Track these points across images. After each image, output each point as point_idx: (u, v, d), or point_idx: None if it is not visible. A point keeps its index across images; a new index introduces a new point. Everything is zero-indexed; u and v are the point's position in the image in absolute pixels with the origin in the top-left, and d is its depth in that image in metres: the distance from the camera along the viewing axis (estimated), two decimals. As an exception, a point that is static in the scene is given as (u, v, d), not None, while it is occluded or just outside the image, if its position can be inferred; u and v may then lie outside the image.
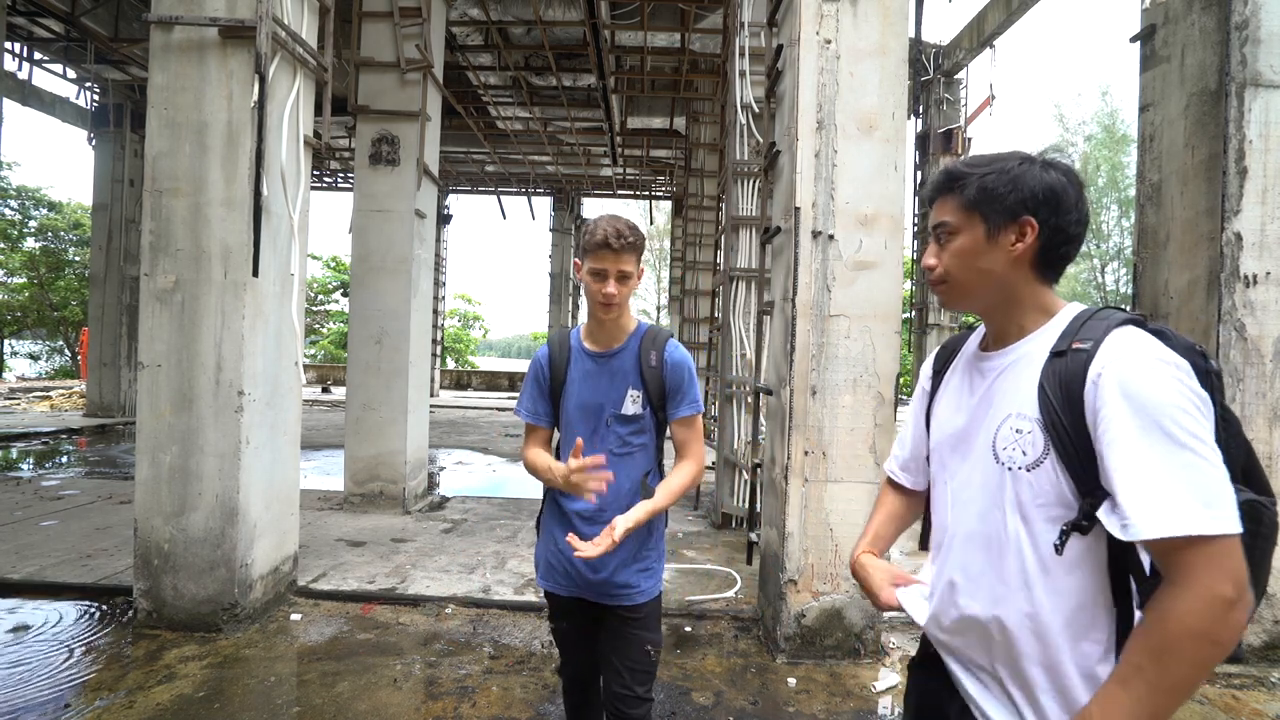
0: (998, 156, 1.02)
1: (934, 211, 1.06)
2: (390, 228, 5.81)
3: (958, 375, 1.16)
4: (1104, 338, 0.92)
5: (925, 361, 1.29)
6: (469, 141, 13.76)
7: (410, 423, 5.90)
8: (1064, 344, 0.95)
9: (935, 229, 1.06)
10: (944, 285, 1.07)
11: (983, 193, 0.99)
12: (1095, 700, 0.85)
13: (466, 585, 4.03)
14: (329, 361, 25.25)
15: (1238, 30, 3.20)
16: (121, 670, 2.92)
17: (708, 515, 6.06)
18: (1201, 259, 3.33)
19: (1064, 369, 0.93)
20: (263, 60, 3.17)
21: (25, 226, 21.42)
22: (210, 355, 3.28)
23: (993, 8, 10.01)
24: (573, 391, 1.77)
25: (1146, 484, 0.82)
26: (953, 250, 1.03)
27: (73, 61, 10.50)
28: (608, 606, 1.77)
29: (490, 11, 8.50)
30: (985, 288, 1.03)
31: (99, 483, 6.64)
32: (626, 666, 1.74)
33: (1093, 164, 21.19)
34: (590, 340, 1.79)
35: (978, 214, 1.00)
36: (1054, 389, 0.93)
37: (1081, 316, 0.99)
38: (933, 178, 1.06)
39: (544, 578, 1.85)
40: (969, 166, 1.02)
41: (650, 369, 1.74)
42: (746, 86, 5.37)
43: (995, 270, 1.01)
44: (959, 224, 1.02)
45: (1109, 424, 0.86)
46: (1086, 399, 0.89)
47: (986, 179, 0.99)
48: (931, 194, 1.06)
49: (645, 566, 1.78)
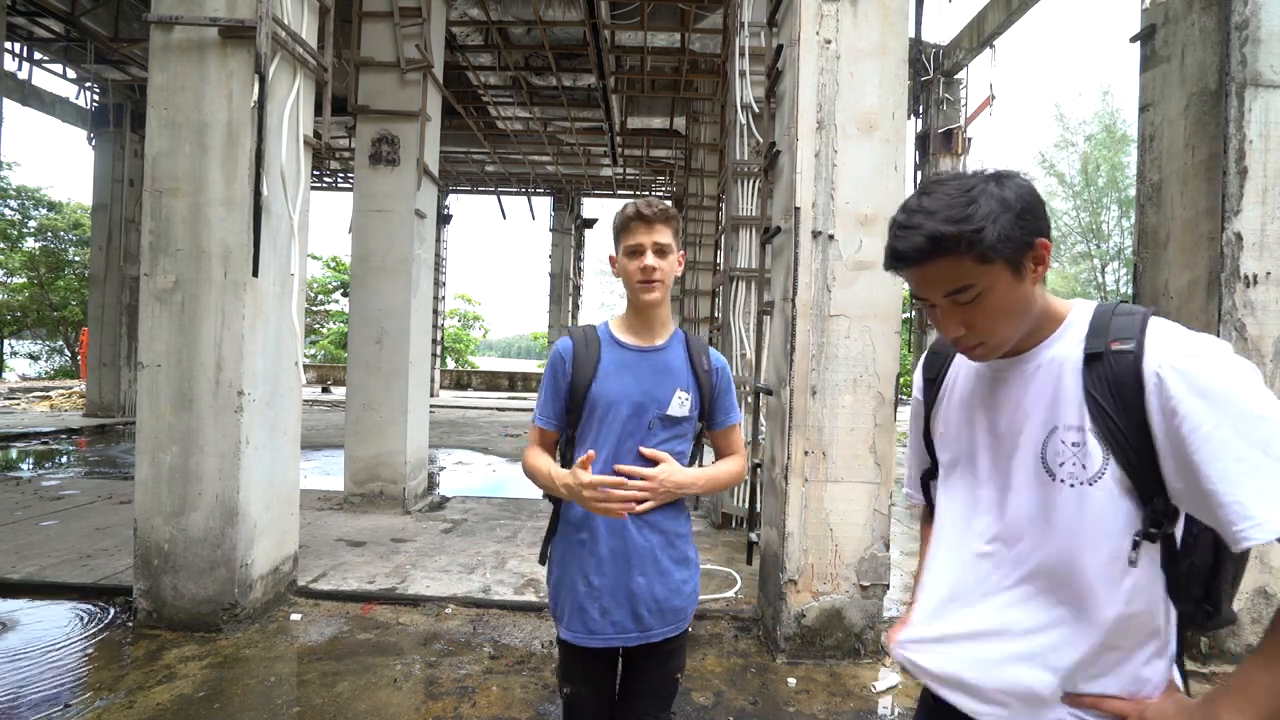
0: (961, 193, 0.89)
1: (933, 278, 0.91)
2: (390, 228, 5.81)
3: (963, 384, 1.08)
4: (1143, 335, 0.88)
5: (917, 368, 1.22)
6: (469, 141, 13.76)
7: (410, 423, 5.90)
8: (1098, 345, 0.90)
9: (952, 294, 0.91)
10: (981, 348, 0.95)
11: (1001, 240, 0.87)
12: (1237, 679, 0.83)
13: (466, 585, 4.03)
14: (329, 361, 25.25)
15: (1238, 30, 3.20)
16: (121, 670, 2.91)
17: (708, 515, 6.06)
18: (1201, 259, 3.33)
19: (1110, 373, 0.88)
20: (263, 60, 3.17)
21: (25, 226, 21.42)
22: (210, 355, 3.28)
23: (993, 8, 10.01)
24: (606, 385, 1.54)
25: (1263, 480, 0.78)
26: (987, 311, 0.91)
27: (73, 61, 10.51)
28: (652, 644, 1.56)
29: (490, 11, 8.50)
30: (1022, 325, 0.95)
31: (99, 483, 6.64)
32: (654, 696, 1.61)
33: (1093, 164, 21.19)
34: (627, 333, 1.60)
35: (1000, 261, 0.88)
36: (1104, 395, 0.88)
37: (1100, 314, 0.94)
38: (910, 243, 0.89)
39: (571, 629, 1.55)
40: (953, 222, 0.87)
41: (704, 372, 1.59)
42: (746, 86, 5.37)
43: (1027, 303, 0.93)
44: (983, 281, 0.89)
45: (1191, 425, 0.82)
46: (1149, 402, 0.85)
47: (997, 224, 0.86)
48: (920, 259, 0.90)
49: (691, 589, 1.62)
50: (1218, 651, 3.19)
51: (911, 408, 1.23)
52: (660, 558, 1.56)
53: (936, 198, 0.89)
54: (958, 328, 0.94)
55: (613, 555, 1.54)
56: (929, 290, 0.93)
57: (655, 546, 1.56)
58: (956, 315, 0.93)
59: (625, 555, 1.54)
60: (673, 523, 1.60)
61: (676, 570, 1.59)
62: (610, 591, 1.53)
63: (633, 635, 1.54)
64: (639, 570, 1.54)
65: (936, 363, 1.15)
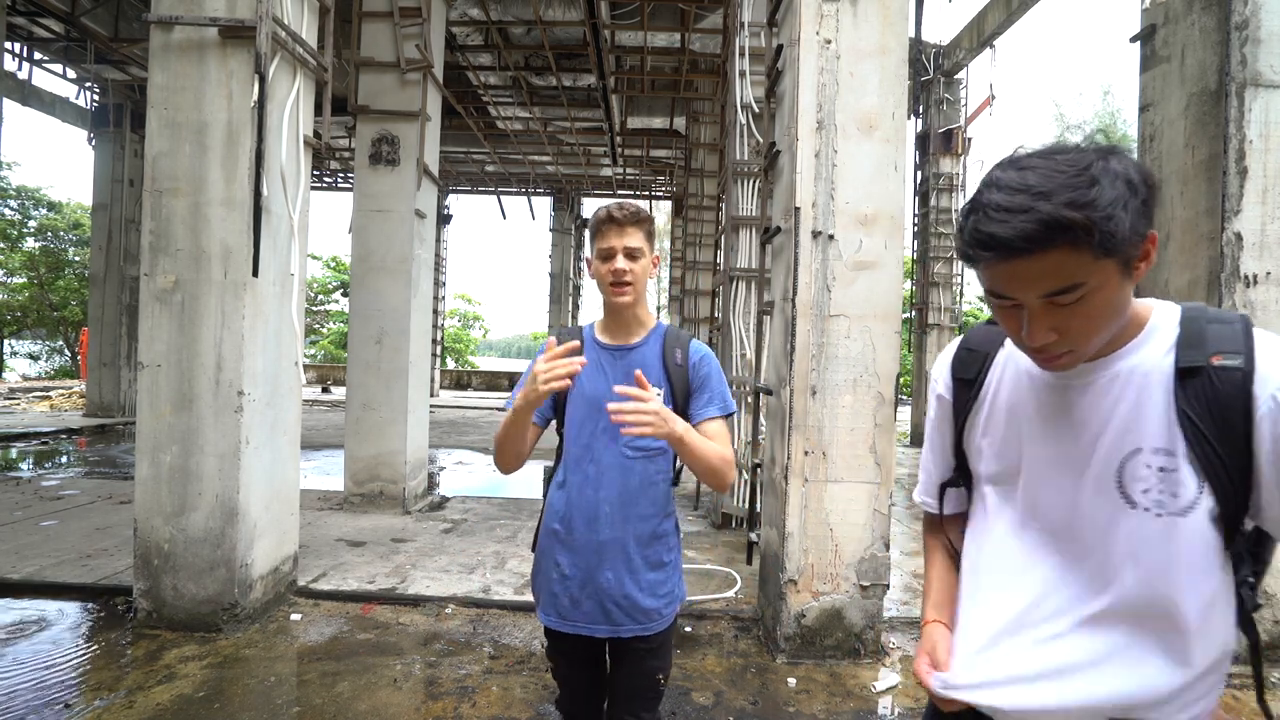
0: (1078, 170, 0.73)
1: (1036, 273, 0.75)
2: (390, 228, 5.81)
3: (1010, 389, 0.96)
4: (1251, 349, 0.79)
5: (940, 365, 1.08)
6: (469, 141, 13.76)
7: (410, 423, 5.90)
8: (1195, 358, 0.80)
9: (1055, 294, 0.76)
10: (1068, 356, 0.82)
11: (1127, 232, 0.73)
12: None
13: (466, 585, 4.03)
14: (329, 361, 25.25)
15: (1238, 30, 3.20)
16: (121, 670, 2.91)
17: (708, 515, 6.06)
18: (1201, 259, 3.33)
19: (1211, 392, 0.79)
20: (263, 60, 3.17)
21: (25, 226, 21.41)
22: (210, 355, 3.28)
23: (993, 8, 10.01)
24: (582, 384, 1.58)
25: None
26: (1088, 313, 0.77)
27: (73, 61, 10.50)
28: (623, 639, 1.59)
29: (490, 11, 8.50)
30: (1113, 328, 0.81)
31: (99, 483, 6.64)
32: (635, 696, 1.62)
33: (1093, 164, 21.24)
34: (605, 334, 1.65)
35: (1113, 258, 0.74)
36: (1203, 416, 0.79)
37: (1191, 319, 0.84)
38: (1017, 229, 0.72)
39: (545, 611, 1.64)
40: (1078, 206, 0.71)
41: (676, 366, 1.59)
42: (746, 86, 5.37)
43: (1126, 305, 0.81)
44: (1095, 279, 0.75)
45: None
46: (1260, 428, 0.77)
47: (1115, 212, 0.72)
48: (1029, 248, 0.73)
49: (667, 591, 1.61)
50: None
51: (936, 409, 1.09)
52: (633, 556, 1.58)
53: (1045, 174, 0.73)
54: (1048, 333, 0.79)
55: (584, 547, 1.57)
56: (1023, 288, 0.77)
57: (628, 543, 1.57)
58: (1050, 318, 0.78)
59: (596, 549, 1.56)
60: (651, 522, 1.60)
61: (649, 571, 1.59)
62: (580, 583, 1.57)
63: (602, 628, 1.58)
64: (608, 565, 1.56)
65: (974, 362, 1.01)
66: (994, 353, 1.00)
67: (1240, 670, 3.16)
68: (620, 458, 1.57)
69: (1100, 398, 0.85)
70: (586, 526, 1.57)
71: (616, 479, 1.57)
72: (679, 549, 1.69)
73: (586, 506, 1.58)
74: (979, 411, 1.00)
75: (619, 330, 1.64)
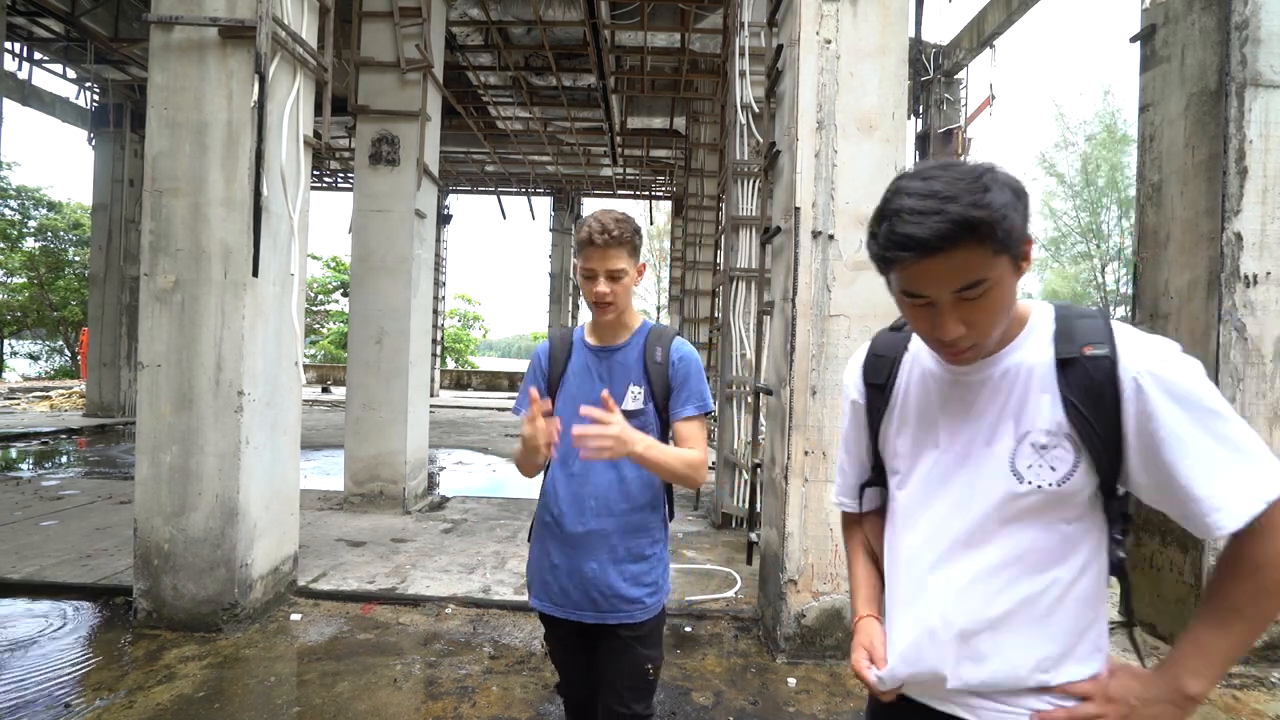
0: (972, 178, 0.83)
1: (947, 270, 0.83)
2: (390, 228, 5.81)
3: (918, 390, 1.05)
4: (1113, 340, 0.90)
5: (851, 372, 1.16)
6: (469, 141, 13.76)
7: (410, 423, 5.90)
8: (1070, 350, 0.91)
9: (965, 289, 0.85)
10: (974, 349, 0.91)
11: (1018, 230, 0.84)
12: (1190, 644, 0.89)
13: (466, 585, 4.03)
14: (329, 361, 25.25)
15: (1238, 30, 3.20)
16: (121, 670, 2.91)
17: (708, 515, 6.06)
18: (1202, 259, 3.33)
19: (1086, 378, 0.90)
20: (263, 60, 3.17)
21: (25, 226, 21.42)
22: (210, 355, 3.28)
23: (993, 8, 10.00)
24: (569, 385, 1.70)
25: (1231, 473, 0.85)
26: (989, 308, 0.87)
27: (73, 61, 10.50)
28: (609, 626, 1.65)
29: (490, 11, 8.50)
30: (1006, 321, 0.91)
31: (99, 483, 6.64)
32: (626, 686, 1.66)
33: (1093, 164, 21.18)
34: (593, 337, 1.75)
35: (1005, 254, 0.84)
36: (1082, 399, 0.90)
37: (1063, 318, 0.95)
38: (932, 229, 0.80)
39: (537, 597, 1.73)
40: (980, 206, 0.80)
41: (655, 365, 1.66)
42: (746, 86, 5.37)
43: (1015, 298, 0.91)
44: (994, 274, 0.84)
45: (1167, 429, 0.86)
46: (1126, 406, 0.88)
47: (1008, 213, 0.82)
48: (943, 246, 0.81)
49: (651, 581, 1.68)
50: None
51: (850, 414, 1.17)
52: (616, 547, 1.66)
53: (948, 182, 0.82)
54: (959, 326, 0.88)
55: (571, 538, 1.66)
56: (937, 285, 0.85)
57: (611, 535, 1.65)
58: (960, 313, 0.87)
59: (582, 540, 1.65)
60: (634, 516, 1.68)
61: (632, 563, 1.67)
62: (567, 572, 1.67)
63: (588, 615, 1.66)
64: (593, 556, 1.65)
65: (884, 367, 1.09)
66: (900, 356, 1.08)
67: (1241, 671, 3.16)
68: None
69: (995, 390, 0.96)
70: (574, 518, 1.66)
71: (602, 474, 1.66)
72: (664, 542, 1.76)
73: (574, 500, 1.67)
74: (892, 413, 1.08)
75: (604, 334, 1.73)
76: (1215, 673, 0.88)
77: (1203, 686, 0.87)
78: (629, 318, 1.72)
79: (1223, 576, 0.89)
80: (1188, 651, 0.89)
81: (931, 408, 1.02)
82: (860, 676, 1.04)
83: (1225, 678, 3.09)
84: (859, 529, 1.22)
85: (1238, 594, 0.87)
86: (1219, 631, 0.88)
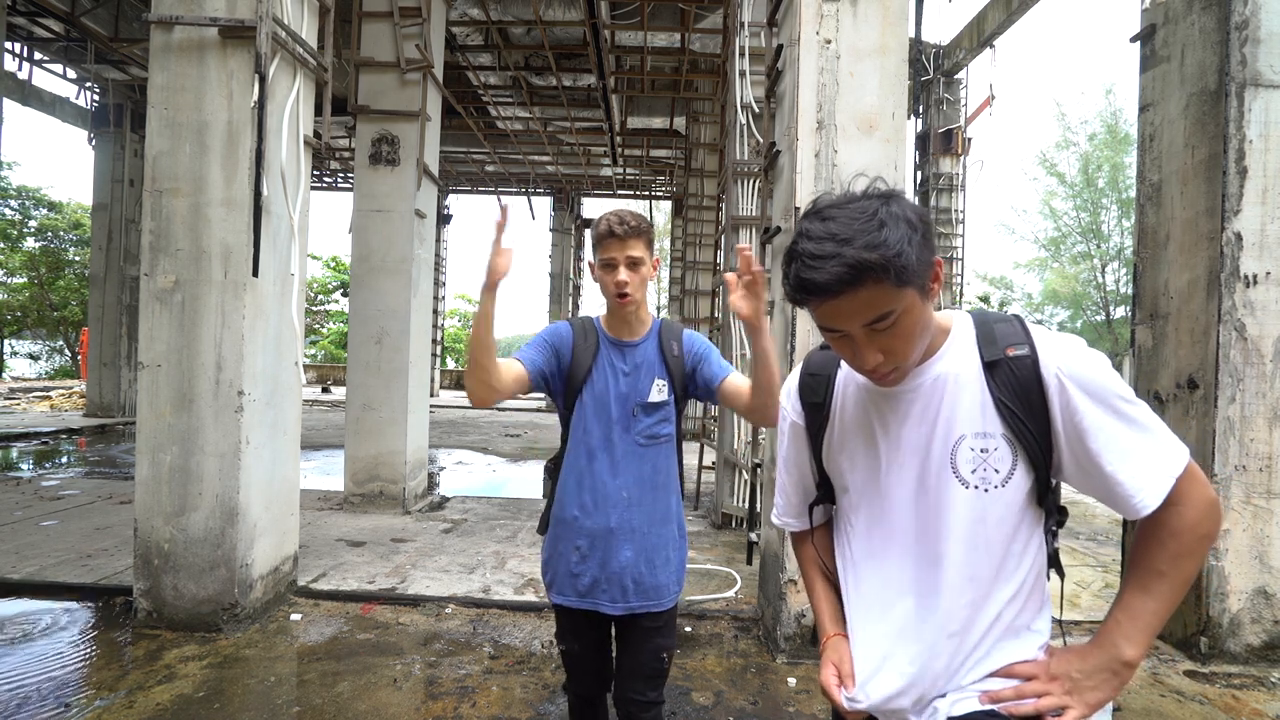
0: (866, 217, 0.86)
1: (852, 308, 0.87)
2: (390, 228, 5.81)
3: (853, 406, 1.07)
4: (1032, 340, 0.96)
5: (787, 393, 1.18)
6: (469, 141, 13.77)
7: (410, 423, 5.90)
8: (994, 353, 0.96)
9: (872, 323, 0.89)
10: (895, 373, 0.95)
11: (916, 264, 0.87)
12: (1120, 612, 0.95)
13: (466, 585, 4.03)
14: (329, 361, 25.27)
15: (1238, 30, 3.20)
16: (121, 670, 2.92)
17: (708, 515, 6.06)
18: (1201, 259, 3.33)
19: (1013, 379, 0.95)
20: (263, 60, 3.17)
21: (25, 226, 21.43)
22: (210, 355, 3.28)
23: (993, 8, 10.01)
24: (598, 383, 1.72)
25: (1145, 456, 0.91)
26: (901, 335, 0.91)
27: (73, 61, 10.51)
28: (632, 616, 1.72)
29: (490, 11, 8.50)
30: (925, 343, 0.96)
31: (99, 483, 6.64)
32: (642, 674, 1.73)
33: (1093, 164, 21.17)
34: (611, 330, 1.78)
35: (909, 285, 0.87)
36: (1011, 398, 0.95)
37: (982, 324, 1.00)
38: (830, 274, 0.84)
39: (562, 592, 1.74)
40: (873, 248, 0.84)
41: (674, 357, 1.76)
42: (746, 86, 5.37)
43: (930, 320, 0.95)
44: (900, 305, 0.88)
45: (1089, 421, 0.92)
46: (1052, 401, 0.94)
47: (903, 248, 0.85)
48: (842, 289, 0.85)
49: (677, 565, 1.78)
50: (1218, 652, 3.19)
51: (789, 435, 1.18)
52: (649, 534, 1.73)
53: (842, 223, 0.86)
54: (875, 355, 0.92)
55: (604, 529, 1.70)
56: (845, 321, 0.90)
57: (644, 524, 1.72)
58: (874, 343, 0.91)
59: (616, 530, 1.70)
60: (662, 504, 1.76)
61: (662, 549, 1.74)
62: (600, 562, 1.70)
63: (618, 605, 1.71)
64: (627, 545, 1.70)
65: (819, 386, 1.12)
66: (834, 374, 1.11)
67: (1241, 671, 3.16)
68: (634, 446, 1.72)
69: (927, 399, 0.99)
70: (607, 510, 1.71)
71: (632, 465, 1.72)
72: (684, 525, 1.85)
73: (606, 492, 1.71)
74: (832, 430, 1.10)
75: (623, 327, 1.77)
76: (1147, 637, 0.93)
77: (1138, 651, 0.92)
78: (644, 312, 1.78)
79: (1144, 545, 0.95)
80: (1120, 619, 0.94)
81: (869, 422, 1.05)
82: (829, 696, 1.07)
83: (1225, 678, 3.10)
84: (810, 546, 1.22)
85: (1160, 559, 0.93)
86: (1146, 596, 0.93)
